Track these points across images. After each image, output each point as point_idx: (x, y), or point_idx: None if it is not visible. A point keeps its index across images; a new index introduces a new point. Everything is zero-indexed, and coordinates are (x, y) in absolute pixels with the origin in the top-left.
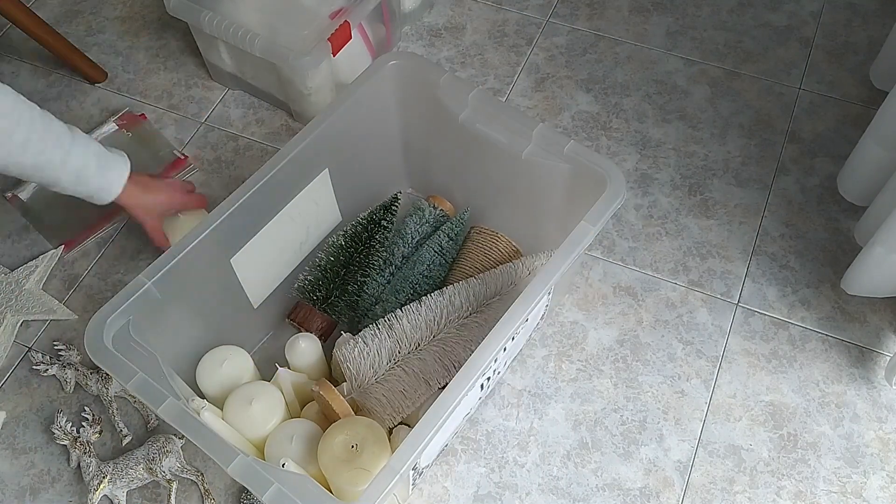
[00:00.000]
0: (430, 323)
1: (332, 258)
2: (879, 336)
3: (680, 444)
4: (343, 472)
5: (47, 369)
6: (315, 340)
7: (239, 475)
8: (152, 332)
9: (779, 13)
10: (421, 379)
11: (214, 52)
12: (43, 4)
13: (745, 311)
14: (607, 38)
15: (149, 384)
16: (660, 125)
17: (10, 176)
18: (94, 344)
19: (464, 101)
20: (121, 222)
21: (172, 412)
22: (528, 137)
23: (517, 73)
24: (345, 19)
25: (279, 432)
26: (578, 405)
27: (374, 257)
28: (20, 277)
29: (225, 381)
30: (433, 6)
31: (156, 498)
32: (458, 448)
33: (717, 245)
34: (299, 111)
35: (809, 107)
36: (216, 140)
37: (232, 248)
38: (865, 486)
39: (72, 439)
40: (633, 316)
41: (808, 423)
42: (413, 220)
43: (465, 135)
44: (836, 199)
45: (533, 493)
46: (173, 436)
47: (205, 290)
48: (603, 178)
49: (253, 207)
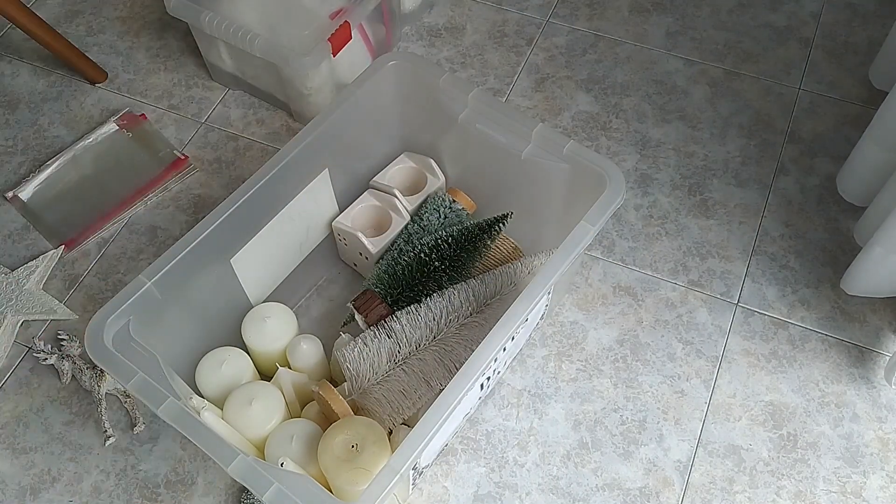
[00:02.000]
0: (430, 323)
1: (417, 272)
2: (879, 336)
3: (680, 444)
4: (343, 472)
5: (46, 358)
6: (316, 341)
7: (239, 475)
8: (152, 332)
9: (779, 13)
10: (421, 379)
11: (214, 53)
12: (43, 4)
13: (745, 311)
14: (607, 39)
15: (149, 384)
16: (660, 125)
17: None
18: (95, 344)
19: (463, 101)
20: (121, 222)
21: (172, 412)
22: (527, 137)
23: (517, 74)
24: (345, 19)
25: (279, 432)
26: (578, 405)
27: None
28: (20, 277)
29: (225, 382)
30: (433, 6)
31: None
32: (458, 448)
33: (716, 245)
34: (299, 111)
35: (809, 107)
36: (216, 140)
37: (232, 248)
38: (865, 486)
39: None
40: (632, 316)
41: (808, 423)
42: (433, 217)
43: (465, 135)
44: (836, 199)
45: (533, 493)
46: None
47: (205, 291)
48: (603, 178)
49: (253, 207)
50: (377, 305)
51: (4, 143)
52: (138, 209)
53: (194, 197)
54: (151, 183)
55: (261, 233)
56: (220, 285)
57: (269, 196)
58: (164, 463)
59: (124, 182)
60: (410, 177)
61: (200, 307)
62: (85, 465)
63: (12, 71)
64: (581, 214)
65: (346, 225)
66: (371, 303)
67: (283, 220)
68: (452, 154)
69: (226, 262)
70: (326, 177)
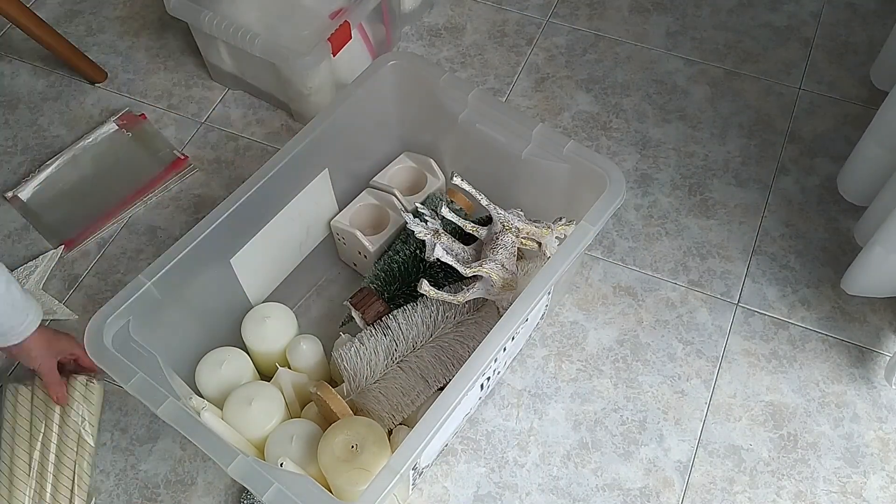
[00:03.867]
0: (427, 320)
1: (413, 268)
2: (879, 336)
3: (680, 444)
4: (343, 472)
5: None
6: (316, 342)
7: (239, 475)
8: (152, 332)
9: (779, 13)
10: (419, 377)
11: (214, 52)
12: (43, 4)
13: (745, 311)
14: (607, 38)
15: (148, 384)
16: (660, 125)
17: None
18: (94, 344)
19: (463, 101)
20: (121, 222)
21: (172, 412)
22: (527, 137)
23: (517, 73)
24: (345, 19)
25: (279, 432)
26: (578, 405)
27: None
28: (20, 277)
29: (224, 383)
30: (433, 6)
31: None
32: (458, 448)
33: (717, 245)
34: (299, 111)
35: (809, 107)
36: (216, 140)
37: (232, 248)
38: (865, 486)
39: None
40: (633, 316)
41: (808, 423)
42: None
43: (465, 135)
44: (836, 199)
45: (533, 493)
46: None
47: (205, 291)
48: (603, 178)
49: (253, 207)
50: (374, 302)
51: (4, 143)
52: (138, 209)
53: (194, 197)
54: (151, 183)
55: (261, 233)
56: (220, 285)
57: (269, 196)
58: (163, 463)
59: (124, 182)
60: (410, 177)
61: (200, 307)
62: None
63: (12, 71)
64: (581, 214)
65: (345, 224)
66: (368, 300)
67: (283, 220)
68: (452, 154)
69: (226, 262)
70: (326, 177)
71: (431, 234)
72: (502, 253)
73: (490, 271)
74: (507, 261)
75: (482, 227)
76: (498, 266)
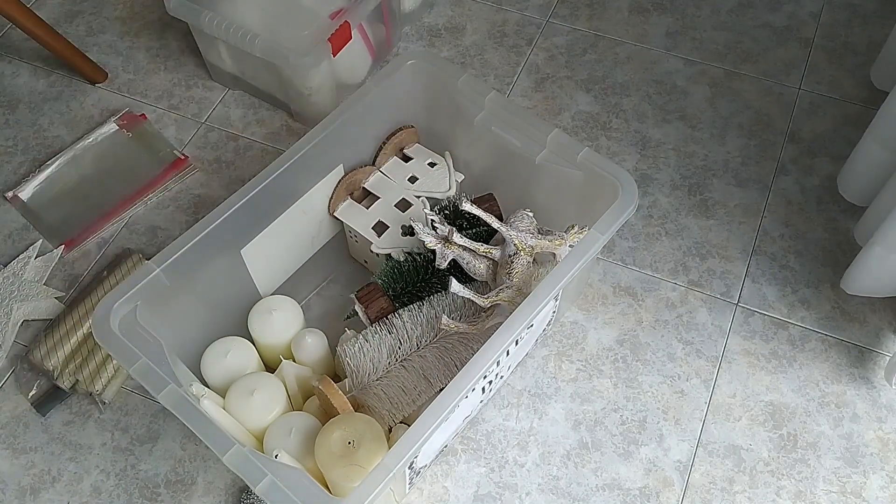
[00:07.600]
0: (432, 321)
1: (422, 269)
2: (879, 336)
3: (680, 444)
4: (338, 468)
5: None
6: (321, 336)
7: (233, 465)
8: (159, 318)
9: (779, 13)
10: (421, 376)
11: (214, 52)
12: (43, 4)
13: (745, 311)
14: (607, 39)
15: (151, 369)
16: (660, 125)
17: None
18: (101, 327)
19: (480, 104)
20: (121, 222)
21: (172, 399)
22: (542, 143)
23: (517, 74)
24: (345, 19)
25: (279, 424)
26: (578, 405)
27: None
28: (17, 269)
29: (229, 372)
30: (433, 6)
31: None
32: (457, 448)
33: (716, 245)
34: (299, 111)
35: (809, 107)
36: (216, 140)
37: (243, 239)
38: (865, 486)
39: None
40: (632, 316)
41: (808, 423)
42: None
43: (480, 137)
44: (836, 199)
45: (533, 493)
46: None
47: (214, 280)
48: (615, 187)
49: (266, 199)
50: (379, 298)
51: (4, 143)
52: (138, 209)
53: (194, 197)
54: (151, 183)
55: (273, 225)
56: (229, 275)
57: (283, 188)
58: (164, 463)
59: (124, 182)
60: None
61: (209, 296)
62: (85, 465)
63: (12, 71)
64: (592, 221)
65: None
66: (373, 295)
67: (295, 214)
68: (466, 155)
69: (236, 253)
70: (341, 173)
71: (441, 242)
72: (518, 276)
73: (509, 300)
74: (524, 285)
75: (495, 249)
76: (514, 291)
